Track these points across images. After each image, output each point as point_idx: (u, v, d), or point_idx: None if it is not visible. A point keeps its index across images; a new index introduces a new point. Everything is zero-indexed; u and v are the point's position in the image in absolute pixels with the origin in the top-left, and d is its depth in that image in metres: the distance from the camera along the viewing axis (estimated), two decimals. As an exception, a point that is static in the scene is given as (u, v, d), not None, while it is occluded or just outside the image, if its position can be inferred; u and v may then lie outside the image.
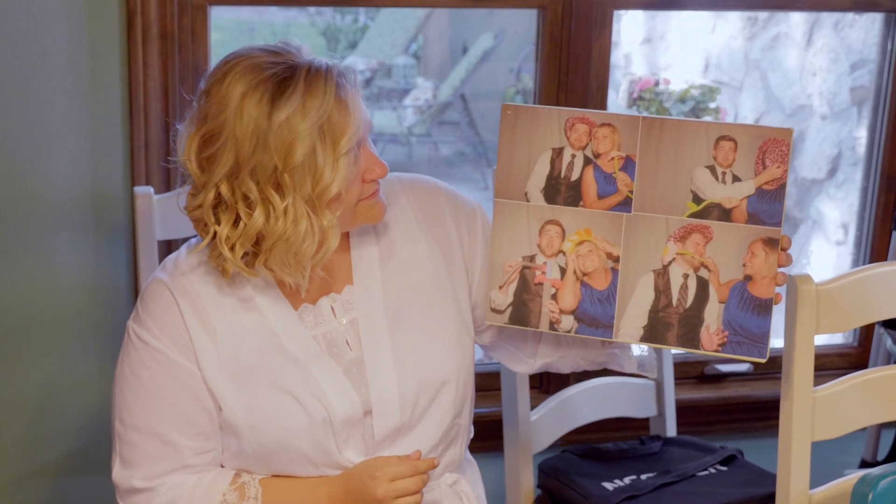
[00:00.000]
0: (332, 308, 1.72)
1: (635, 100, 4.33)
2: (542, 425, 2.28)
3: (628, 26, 4.71)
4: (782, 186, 1.63)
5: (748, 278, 1.65)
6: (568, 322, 1.70)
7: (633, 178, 1.67)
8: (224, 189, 1.58)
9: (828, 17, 3.99)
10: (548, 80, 2.61)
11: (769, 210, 1.64)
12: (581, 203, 1.69)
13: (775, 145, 1.63)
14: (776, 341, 2.09)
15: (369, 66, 6.46)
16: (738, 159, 1.64)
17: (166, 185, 2.40)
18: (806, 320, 1.83)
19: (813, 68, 4.10)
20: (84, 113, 2.34)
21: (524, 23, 5.65)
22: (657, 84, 4.33)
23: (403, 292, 1.73)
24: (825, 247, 4.11)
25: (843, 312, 1.88)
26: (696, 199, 1.66)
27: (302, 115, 1.55)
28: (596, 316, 1.69)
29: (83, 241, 2.40)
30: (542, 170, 1.70)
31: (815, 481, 1.91)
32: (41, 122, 2.32)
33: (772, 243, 1.64)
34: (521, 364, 1.88)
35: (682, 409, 2.58)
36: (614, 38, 2.65)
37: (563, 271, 1.70)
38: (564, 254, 1.70)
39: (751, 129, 1.65)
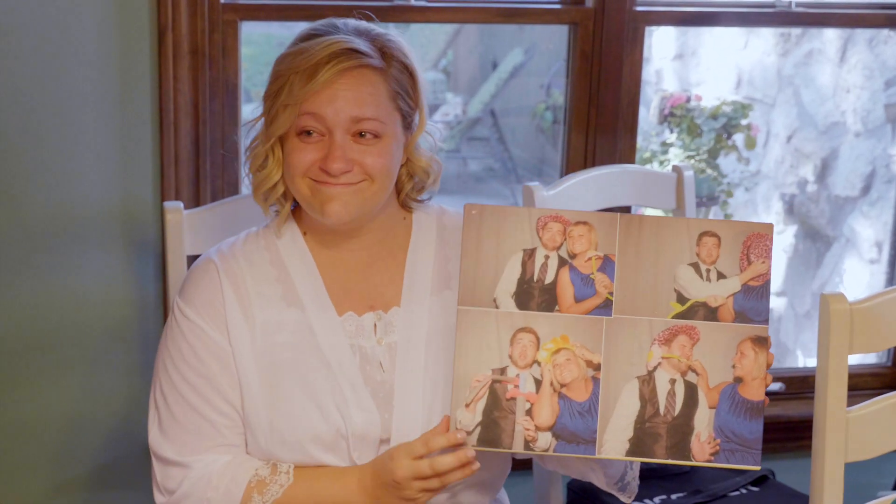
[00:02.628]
0: (375, 325, 1.71)
1: (666, 116, 4.32)
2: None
3: (660, 42, 4.70)
4: (767, 283, 1.58)
5: (738, 380, 1.56)
6: (545, 440, 1.55)
7: (613, 279, 1.57)
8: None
9: (862, 34, 3.96)
10: (578, 96, 2.60)
11: (756, 307, 1.57)
12: (557, 308, 1.57)
13: (759, 240, 1.58)
14: (809, 360, 2.07)
15: (399, 81, 6.46)
16: (721, 255, 1.57)
17: (196, 201, 2.40)
18: (839, 339, 1.81)
19: (847, 85, 4.07)
20: (114, 128, 2.35)
21: (555, 38, 5.64)
22: (689, 100, 4.31)
23: (448, 328, 1.70)
24: (858, 265, 4.07)
25: (877, 332, 1.85)
26: (681, 299, 1.57)
27: (291, 58, 1.65)
28: (576, 431, 1.55)
29: (113, 256, 2.40)
30: (512, 273, 1.57)
31: (849, 503, 1.88)
32: (71, 136, 2.33)
33: (760, 342, 1.57)
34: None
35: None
36: (646, 53, 2.64)
37: (538, 383, 1.55)
38: (539, 364, 1.55)
39: (734, 225, 1.59)
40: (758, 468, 1.56)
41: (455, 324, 1.58)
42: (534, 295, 1.57)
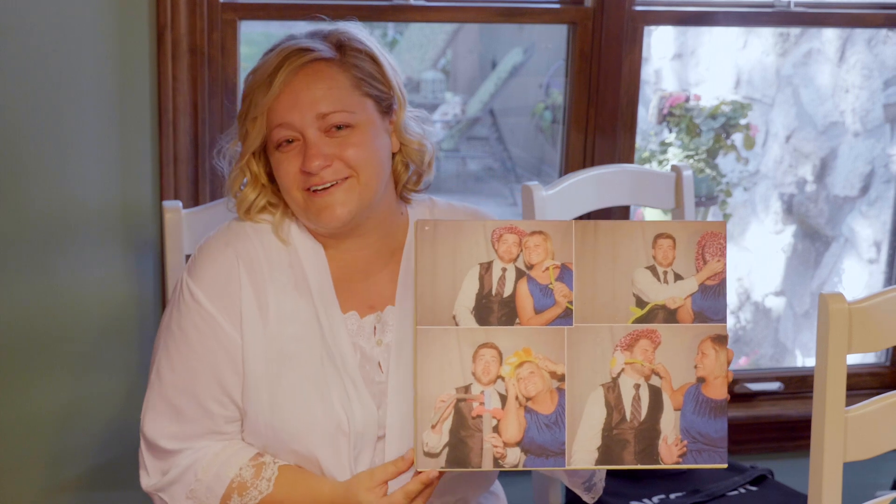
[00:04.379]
0: (375, 328, 1.72)
1: (665, 116, 4.32)
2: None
3: (659, 42, 4.70)
4: (723, 281, 1.58)
5: (701, 380, 1.57)
6: (514, 455, 1.54)
7: (572, 288, 1.56)
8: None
9: (861, 34, 3.96)
10: (578, 95, 2.60)
11: (714, 306, 1.58)
12: (517, 321, 1.55)
13: (713, 239, 1.58)
14: (808, 360, 2.07)
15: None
16: (677, 257, 1.58)
17: (195, 200, 2.40)
18: (838, 339, 1.81)
19: (846, 85, 4.07)
20: (113, 127, 2.35)
21: (554, 38, 5.64)
22: (688, 100, 4.31)
23: None
24: (857, 265, 4.07)
25: (876, 331, 1.85)
26: (640, 303, 1.57)
27: (253, 73, 1.69)
28: (544, 444, 1.54)
29: (112, 255, 2.40)
30: (469, 288, 1.55)
31: (847, 502, 1.88)
32: (70, 136, 2.33)
33: (720, 340, 1.58)
34: None
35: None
36: (644, 53, 2.64)
37: (503, 399, 1.54)
38: (503, 379, 1.54)
39: (687, 225, 1.59)
40: (725, 466, 1.57)
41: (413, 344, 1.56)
42: (493, 309, 1.55)
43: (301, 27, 1.76)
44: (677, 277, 1.58)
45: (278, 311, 1.68)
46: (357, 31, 1.73)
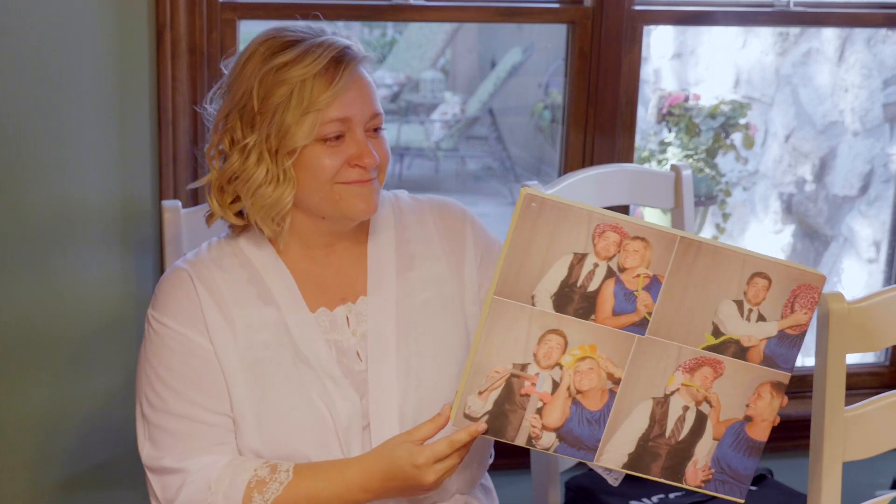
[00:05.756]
0: (348, 318, 1.72)
1: (664, 115, 4.32)
2: (569, 443, 2.26)
3: (658, 41, 4.70)
4: (803, 333, 1.57)
5: (748, 419, 1.57)
6: (549, 439, 1.55)
7: (656, 300, 1.54)
8: (221, 131, 1.69)
9: (860, 33, 3.97)
10: (577, 95, 2.60)
11: (786, 355, 1.57)
12: (593, 317, 1.54)
13: (808, 291, 1.56)
14: (808, 360, 2.07)
15: (397, 80, 6.47)
16: (768, 299, 1.55)
17: (194, 199, 2.40)
18: (837, 339, 1.81)
19: (845, 84, 4.07)
20: (113, 127, 2.35)
21: (553, 37, 5.64)
22: (687, 99, 4.31)
23: (417, 308, 1.73)
24: (857, 265, 4.07)
25: (875, 331, 1.85)
26: (716, 332, 1.55)
27: (293, 64, 1.63)
28: (581, 437, 1.55)
29: (111, 254, 2.40)
30: (557, 274, 1.52)
31: (847, 502, 1.88)
32: (70, 135, 2.33)
33: (779, 387, 1.58)
34: None
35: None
36: (644, 53, 2.64)
37: (555, 385, 1.54)
38: (561, 367, 1.54)
39: (789, 270, 1.55)
40: (742, 501, 1.58)
41: (481, 308, 1.58)
42: (573, 299, 1.54)
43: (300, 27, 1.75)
44: (760, 318, 1.56)
45: (245, 323, 1.69)
46: (354, 36, 1.75)
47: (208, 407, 1.67)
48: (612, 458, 1.56)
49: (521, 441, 1.55)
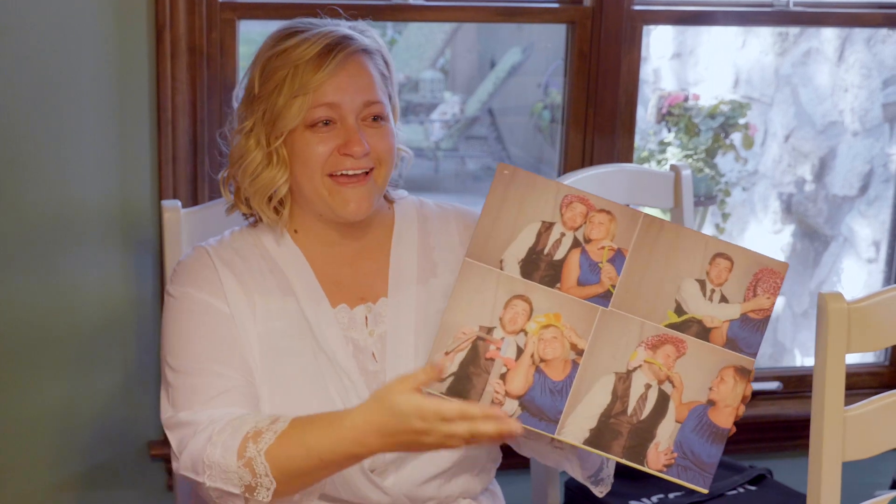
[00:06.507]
0: (366, 318, 1.72)
1: (664, 115, 4.32)
2: (568, 443, 2.26)
3: (657, 41, 4.70)
4: (767, 318, 1.58)
5: (711, 403, 1.57)
6: (511, 406, 1.54)
7: (619, 273, 1.57)
8: (235, 120, 1.74)
9: (860, 33, 3.96)
10: (576, 95, 2.60)
11: (749, 339, 1.58)
12: (558, 285, 1.57)
13: (770, 276, 1.59)
14: (807, 359, 2.07)
15: (396, 80, 6.46)
16: (730, 280, 1.58)
17: (194, 199, 2.40)
18: (836, 339, 1.81)
19: (845, 84, 4.07)
20: (112, 126, 2.35)
21: (553, 37, 5.64)
22: (686, 99, 4.31)
23: (436, 315, 1.72)
24: (856, 265, 4.07)
25: (875, 331, 1.85)
26: (679, 311, 1.57)
27: (292, 50, 1.66)
28: (543, 407, 1.55)
29: (110, 254, 2.40)
30: (525, 241, 1.58)
31: (846, 502, 1.88)
32: (69, 135, 2.33)
33: (743, 373, 1.57)
34: None
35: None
36: (643, 53, 2.64)
37: (519, 351, 1.55)
38: (526, 333, 1.56)
39: (750, 255, 1.59)
40: (706, 491, 1.56)
41: (456, 279, 1.57)
42: (540, 267, 1.57)
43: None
44: (723, 299, 1.58)
45: (265, 309, 1.69)
46: (375, 32, 1.75)
47: (222, 360, 1.66)
48: (572, 433, 1.55)
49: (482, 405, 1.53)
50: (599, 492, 1.74)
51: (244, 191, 1.72)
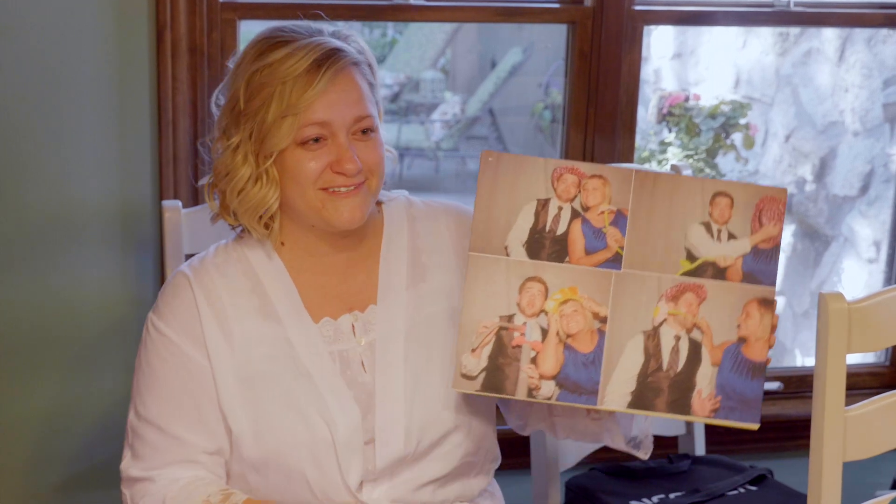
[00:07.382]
0: (353, 326, 1.71)
1: (665, 115, 4.32)
2: (569, 443, 2.26)
3: (658, 41, 4.70)
4: (777, 246, 1.59)
5: (742, 340, 1.58)
6: (548, 388, 1.56)
7: (624, 234, 1.58)
8: (217, 129, 1.69)
9: (860, 33, 3.96)
10: (577, 95, 2.60)
11: (764, 270, 1.58)
12: (567, 259, 1.57)
13: (771, 204, 1.59)
14: (808, 360, 2.07)
15: (397, 80, 6.47)
16: (734, 216, 1.59)
17: (194, 199, 2.40)
18: (837, 339, 1.81)
19: (845, 84, 4.07)
20: (113, 126, 2.35)
21: (553, 37, 5.64)
22: (687, 100, 4.31)
23: (426, 320, 1.71)
24: (857, 265, 4.07)
25: (875, 331, 1.85)
26: (690, 257, 1.58)
27: (277, 66, 1.62)
28: (579, 381, 1.56)
29: (111, 254, 2.40)
30: (524, 222, 1.58)
31: (847, 502, 1.88)
32: (70, 135, 2.33)
33: (767, 304, 1.58)
34: (514, 426, 1.82)
35: (712, 428, 2.55)
36: (644, 53, 2.64)
37: (544, 333, 1.56)
38: (546, 314, 1.56)
39: (748, 187, 1.60)
40: (756, 426, 1.57)
41: (465, 273, 1.58)
42: (545, 245, 1.57)
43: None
44: (731, 237, 1.58)
45: (243, 336, 1.67)
46: (358, 35, 1.73)
47: (187, 424, 1.66)
48: (614, 400, 1.56)
49: (521, 394, 1.56)
50: (643, 454, 1.73)
51: (231, 205, 1.69)
